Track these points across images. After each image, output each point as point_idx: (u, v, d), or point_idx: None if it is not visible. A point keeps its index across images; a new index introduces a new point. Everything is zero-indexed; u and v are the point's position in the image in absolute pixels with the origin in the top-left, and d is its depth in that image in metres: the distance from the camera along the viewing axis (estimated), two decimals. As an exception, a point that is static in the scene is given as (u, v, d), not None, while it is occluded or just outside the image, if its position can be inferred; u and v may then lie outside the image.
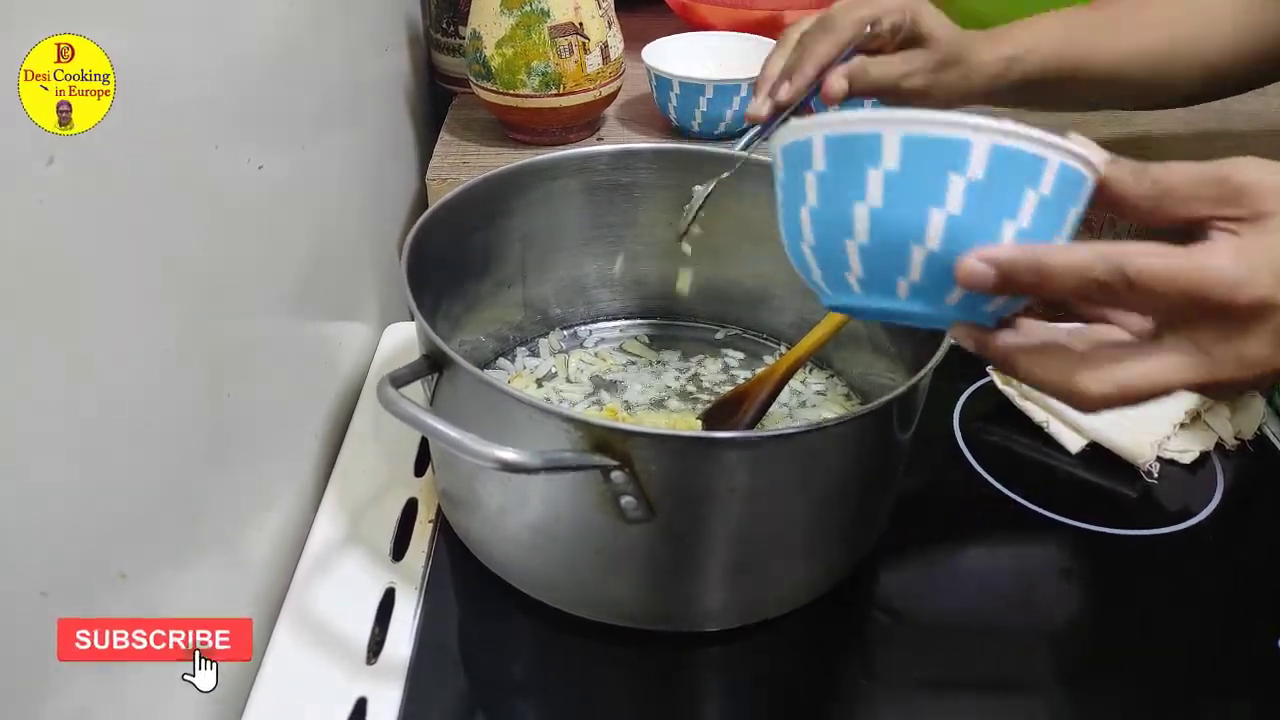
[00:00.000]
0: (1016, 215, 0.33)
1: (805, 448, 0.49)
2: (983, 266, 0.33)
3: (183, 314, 0.47)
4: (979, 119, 0.33)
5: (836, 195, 0.34)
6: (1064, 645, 0.57)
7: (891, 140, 0.33)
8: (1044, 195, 0.33)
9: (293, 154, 0.62)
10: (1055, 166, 0.33)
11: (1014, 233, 0.33)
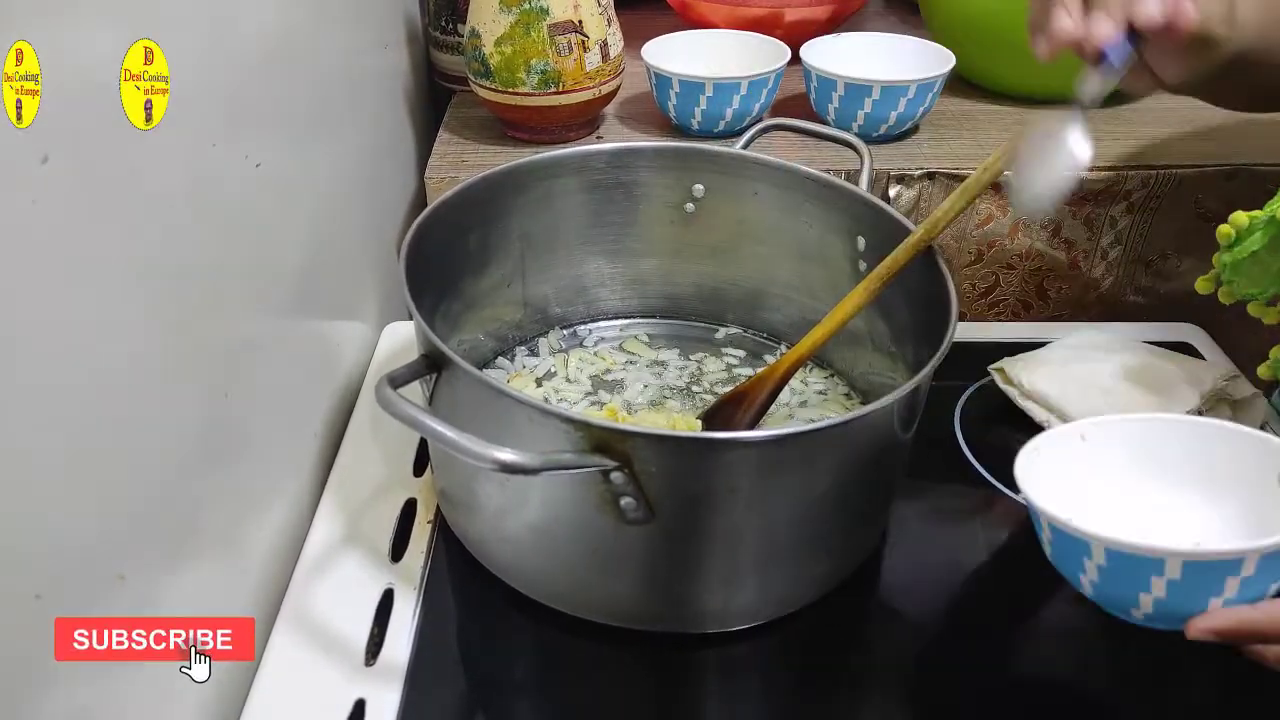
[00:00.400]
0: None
1: (806, 448, 0.48)
2: (1202, 634, 0.43)
3: (180, 313, 0.47)
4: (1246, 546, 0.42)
5: (1117, 584, 0.45)
6: (1066, 645, 0.57)
7: (1173, 564, 0.42)
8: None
9: (291, 152, 0.62)
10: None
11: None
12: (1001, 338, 0.79)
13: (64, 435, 0.38)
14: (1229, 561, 0.42)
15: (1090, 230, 0.88)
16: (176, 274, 0.46)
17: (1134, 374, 0.71)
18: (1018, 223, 0.87)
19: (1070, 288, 0.91)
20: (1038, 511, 0.47)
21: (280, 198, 0.60)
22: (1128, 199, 0.86)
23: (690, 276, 0.77)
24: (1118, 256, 0.89)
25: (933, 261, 0.59)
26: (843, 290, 0.68)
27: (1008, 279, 0.90)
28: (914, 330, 0.63)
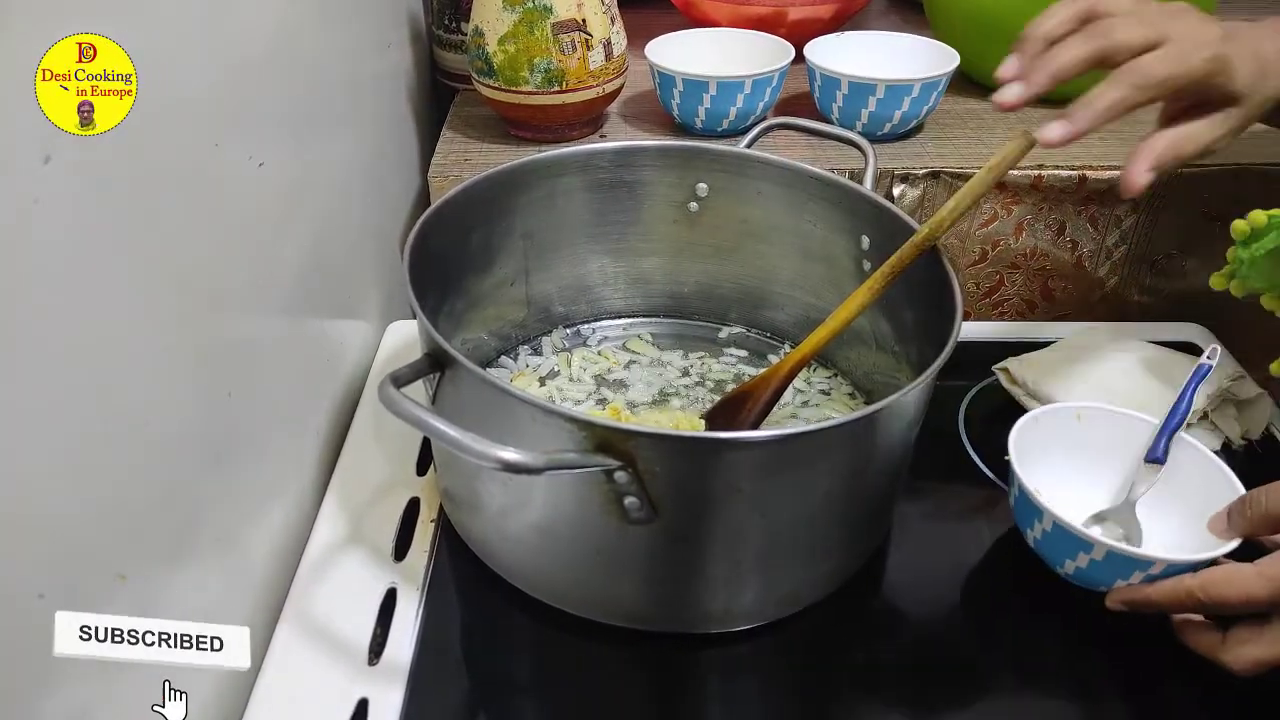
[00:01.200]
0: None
1: (810, 448, 0.48)
2: (1116, 605, 0.55)
3: (182, 313, 0.47)
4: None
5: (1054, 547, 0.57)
6: (1072, 647, 0.56)
7: (1099, 549, 0.54)
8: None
9: (293, 152, 0.62)
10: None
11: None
12: (1006, 337, 0.79)
13: (64, 435, 0.38)
14: (1141, 560, 0.53)
15: (1095, 229, 0.87)
16: (178, 273, 0.46)
17: (1139, 374, 0.70)
18: (1022, 222, 0.87)
19: (1075, 287, 0.91)
20: (1015, 474, 0.57)
21: (283, 197, 0.60)
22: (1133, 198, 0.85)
23: (693, 275, 0.76)
24: (1123, 256, 0.89)
25: (937, 261, 0.58)
26: (847, 290, 0.67)
27: (1012, 278, 0.90)
28: (919, 330, 0.63)
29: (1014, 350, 0.74)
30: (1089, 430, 0.62)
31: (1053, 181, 0.84)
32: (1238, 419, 0.69)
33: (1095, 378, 0.70)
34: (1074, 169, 0.84)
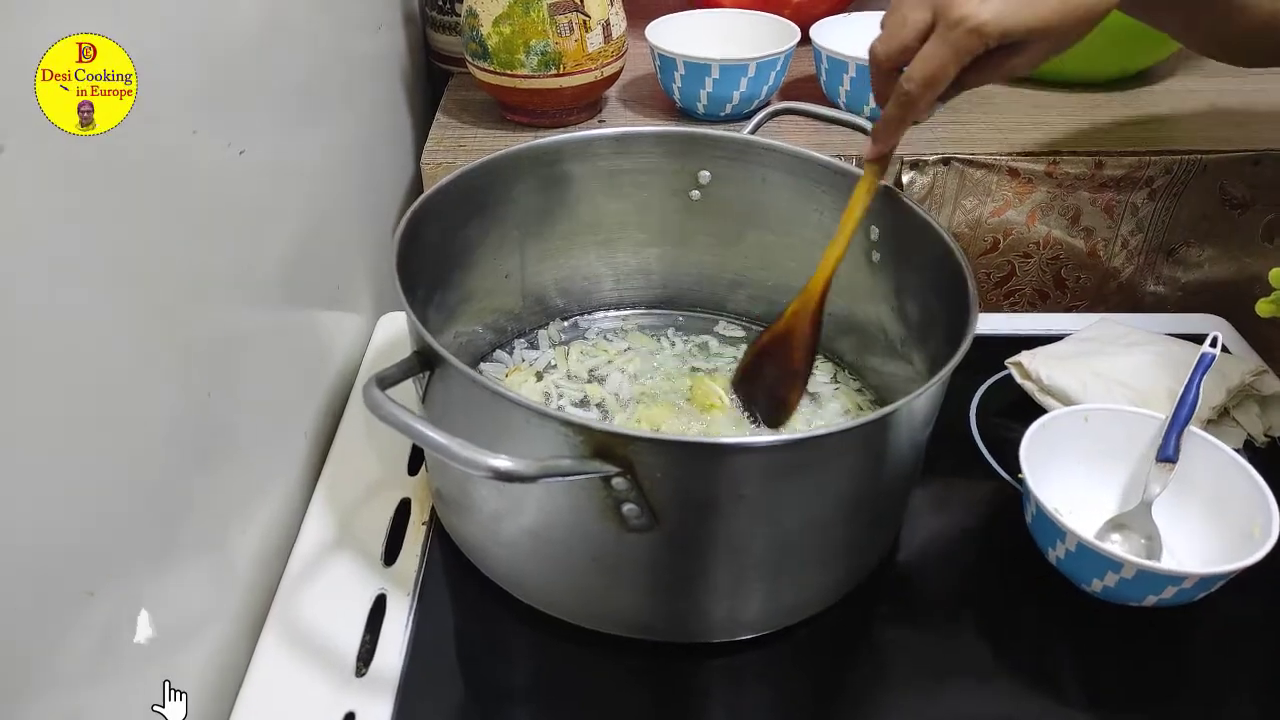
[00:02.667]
0: None
1: (819, 453, 0.46)
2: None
3: (157, 308, 0.44)
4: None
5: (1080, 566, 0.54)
6: (1087, 648, 0.54)
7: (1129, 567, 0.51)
8: None
9: (279, 138, 0.59)
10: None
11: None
12: (1018, 330, 0.76)
13: (34, 439, 0.36)
14: (1175, 576, 0.50)
15: (1110, 218, 0.85)
16: (153, 267, 0.44)
17: (1157, 368, 0.68)
18: (1035, 210, 0.84)
19: (1089, 277, 0.88)
20: (1031, 493, 0.55)
21: (267, 186, 0.57)
22: (1149, 185, 0.83)
23: (695, 266, 0.74)
24: (1138, 245, 0.86)
25: (950, 254, 0.56)
26: (855, 282, 0.65)
27: (1024, 268, 0.87)
28: (929, 323, 0.60)
29: (1027, 343, 0.72)
30: (1098, 431, 0.60)
31: (1068, 168, 0.82)
32: (1260, 416, 0.67)
33: (1111, 373, 0.68)
34: (1090, 154, 0.81)
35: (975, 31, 0.48)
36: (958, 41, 0.48)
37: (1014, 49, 0.50)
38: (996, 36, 0.48)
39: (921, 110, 0.52)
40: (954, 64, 0.49)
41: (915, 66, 0.50)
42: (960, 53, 0.49)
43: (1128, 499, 0.60)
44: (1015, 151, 0.82)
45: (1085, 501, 0.60)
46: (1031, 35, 0.49)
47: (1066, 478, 0.59)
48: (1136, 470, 0.60)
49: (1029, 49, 0.50)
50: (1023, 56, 0.51)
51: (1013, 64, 0.51)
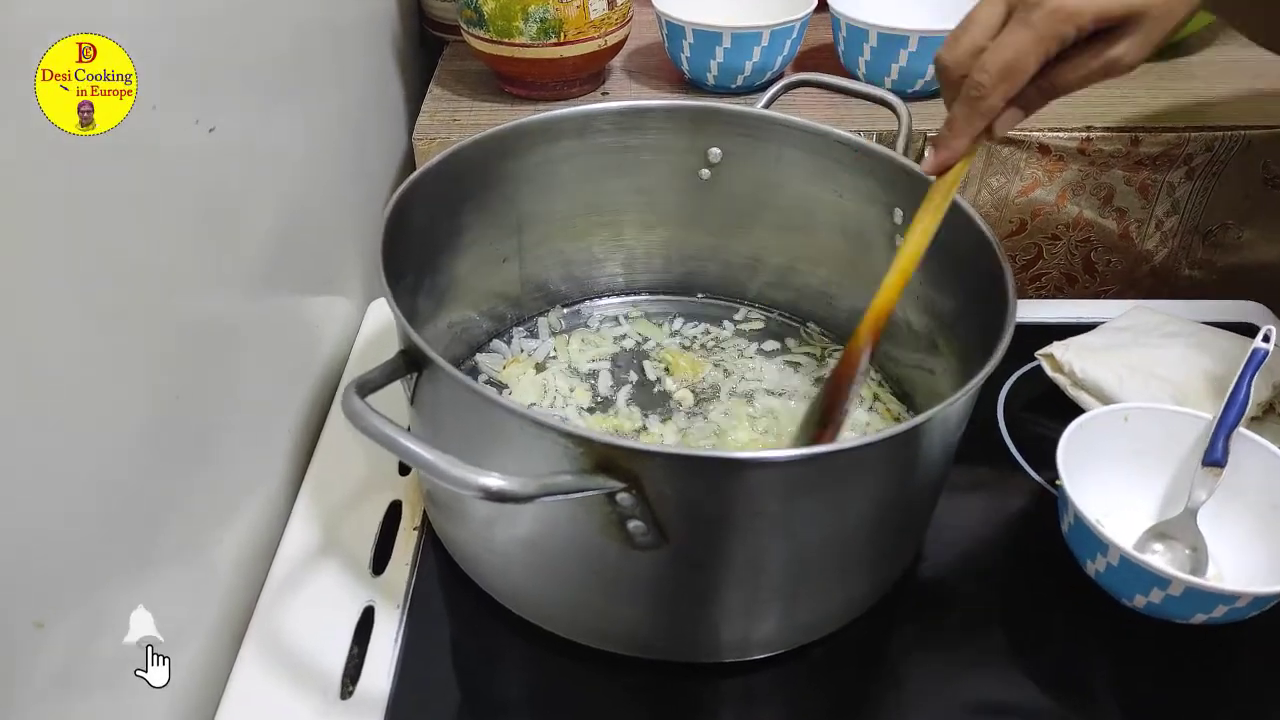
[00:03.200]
0: None
1: (846, 466, 0.42)
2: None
3: (125, 300, 0.41)
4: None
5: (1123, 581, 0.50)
6: (1126, 667, 0.51)
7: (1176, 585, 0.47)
8: None
9: (255, 113, 0.55)
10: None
11: None
12: (1046, 318, 0.72)
13: None
14: (1226, 595, 0.47)
15: (1145, 198, 0.80)
16: (113, 255, 0.40)
17: (1198, 361, 0.64)
18: (1066, 189, 0.79)
19: (1120, 260, 0.84)
20: (1070, 501, 0.51)
21: (243, 165, 0.53)
22: (1188, 163, 0.78)
23: (705, 251, 0.70)
24: (1174, 226, 0.82)
25: (984, 243, 0.52)
26: (876, 268, 0.60)
27: (1052, 251, 0.83)
28: (957, 315, 0.57)
29: (1056, 332, 0.68)
30: (1138, 431, 0.56)
31: (1102, 144, 0.77)
32: (1309, 413, 0.63)
33: (1148, 366, 0.64)
34: (1126, 130, 0.77)
35: (1060, 11, 0.41)
36: (1041, 24, 0.41)
37: (1110, 37, 0.42)
38: (1090, 18, 0.41)
39: (993, 110, 0.44)
40: (1035, 52, 0.42)
41: (989, 54, 0.43)
42: (1044, 38, 0.41)
43: (1169, 505, 0.56)
44: (1046, 127, 0.77)
45: (1123, 507, 0.56)
46: (1131, 15, 0.41)
47: (1103, 481, 0.55)
48: (1179, 474, 0.56)
49: (1128, 34, 0.42)
50: (1123, 45, 0.42)
51: (1111, 56, 0.43)
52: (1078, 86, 0.45)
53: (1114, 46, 0.43)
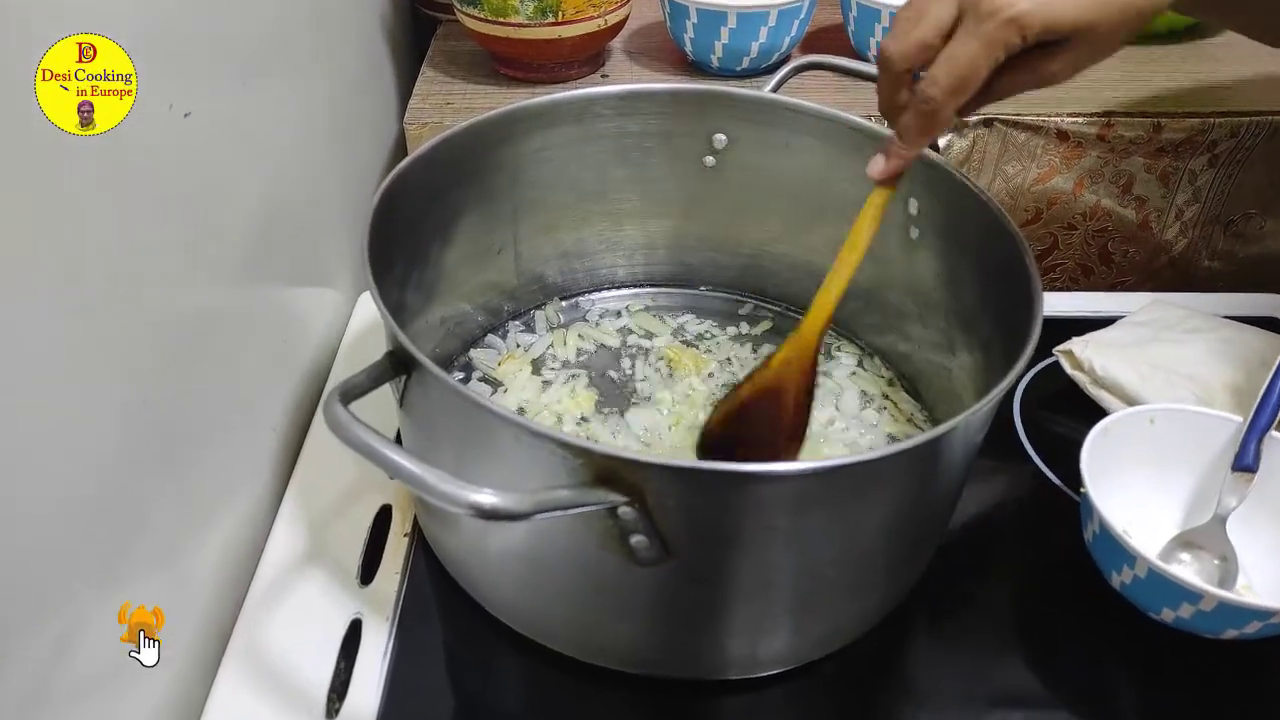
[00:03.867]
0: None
1: (863, 479, 0.39)
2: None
3: (88, 295, 0.38)
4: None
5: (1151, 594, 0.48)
6: (1151, 682, 0.49)
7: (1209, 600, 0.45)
8: None
9: (235, 97, 0.52)
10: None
11: None
12: (1063, 311, 0.70)
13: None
14: (1261, 610, 0.45)
15: (1166, 186, 0.77)
16: (76, 248, 0.37)
17: (1223, 358, 0.61)
18: (1084, 176, 0.77)
19: (1138, 251, 0.81)
20: (1095, 509, 0.49)
21: (221, 151, 0.50)
22: (1211, 150, 0.75)
23: (709, 241, 0.68)
24: (1194, 216, 0.79)
25: (1006, 235, 0.49)
26: (890, 261, 0.59)
27: (1068, 240, 0.80)
28: (974, 311, 0.54)
29: (1074, 326, 0.65)
30: (1164, 435, 0.54)
31: (1124, 130, 0.74)
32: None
33: (1172, 364, 0.61)
34: (1149, 116, 0.74)
35: (1013, 22, 0.40)
36: (992, 35, 0.41)
37: (1052, 51, 0.43)
38: (1038, 29, 0.41)
39: (944, 121, 0.44)
40: (986, 62, 0.41)
41: (940, 67, 0.42)
42: (994, 48, 0.41)
43: (1196, 512, 0.53)
44: (1065, 112, 0.74)
45: (1147, 514, 0.53)
46: (1077, 30, 0.42)
47: (1127, 486, 0.53)
48: (1207, 480, 0.54)
49: (1069, 50, 0.43)
50: (1061, 60, 0.43)
51: (1049, 69, 0.43)
52: (1012, 94, 0.45)
53: (1052, 61, 0.43)
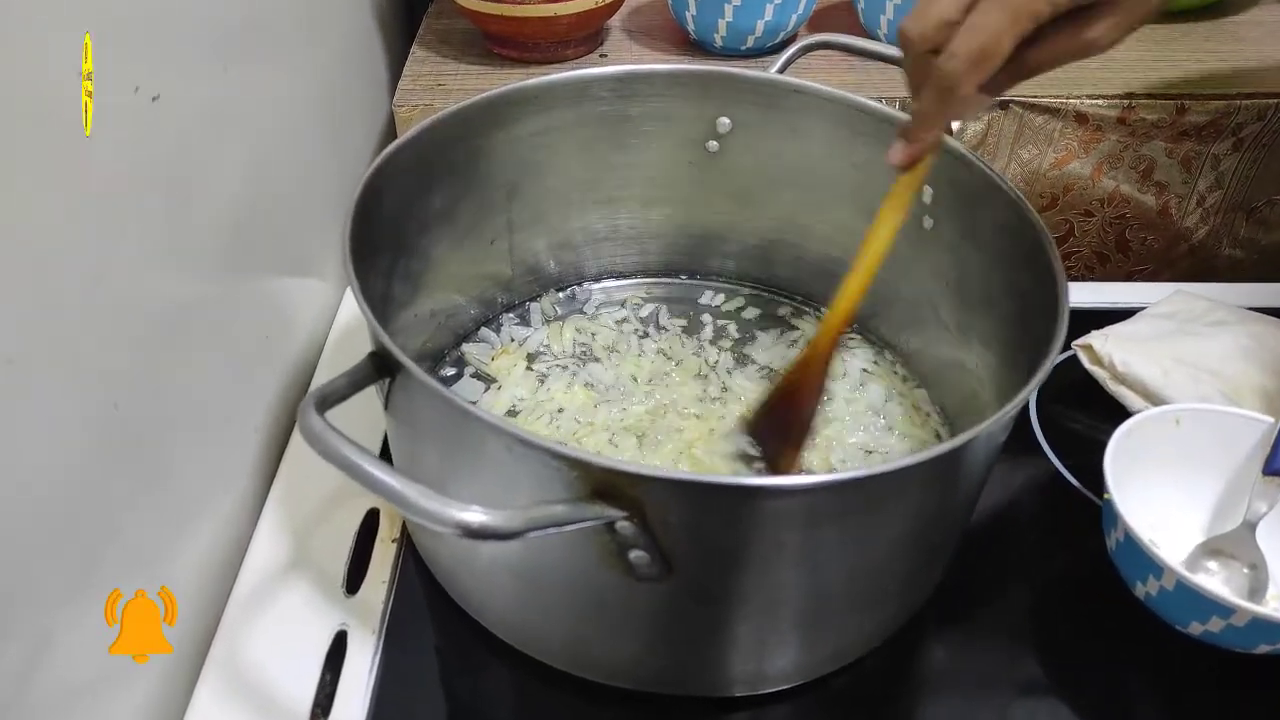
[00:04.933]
0: None
1: (876, 493, 0.37)
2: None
3: (48, 292, 0.35)
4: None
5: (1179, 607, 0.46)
6: (1178, 697, 0.47)
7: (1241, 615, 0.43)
8: None
9: (207, 78, 0.49)
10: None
11: None
12: (1081, 302, 0.65)
13: None
14: None
15: (1188, 171, 0.74)
16: (37, 240, 0.35)
17: (1251, 354, 0.59)
18: (1103, 161, 0.74)
19: (1157, 239, 0.78)
20: (1119, 517, 0.46)
21: (196, 136, 0.47)
22: (1236, 134, 0.72)
23: (712, 230, 0.65)
24: (1216, 202, 0.76)
25: (1027, 225, 0.47)
26: (903, 254, 0.55)
27: (1084, 227, 0.77)
28: (991, 303, 0.52)
29: (1092, 318, 0.63)
30: (1190, 436, 0.51)
31: (1145, 113, 0.71)
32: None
33: (1197, 360, 0.58)
34: (1171, 98, 0.71)
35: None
36: (1016, 3, 0.38)
37: (1087, 17, 0.39)
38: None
39: (966, 99, 0.41)
40: (1010, 33, 0.38)
41: (960, 39, 0.39)
42: (1020, 17, 0.38)
43: (1223, 518, 0.51)
44: (1085, 94, 0.71)
45: (1172, 519, 0.51)
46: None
47: (1151, 490, 0.50)
48: (1235, 484, 0.51)
49: (1105, 17, 0.39)
50: (1102, 24, 0.40)
51: (1088, 35, 0.40)
52: (1049, 68, 0.41)
53: (1091, 27, 0.40)
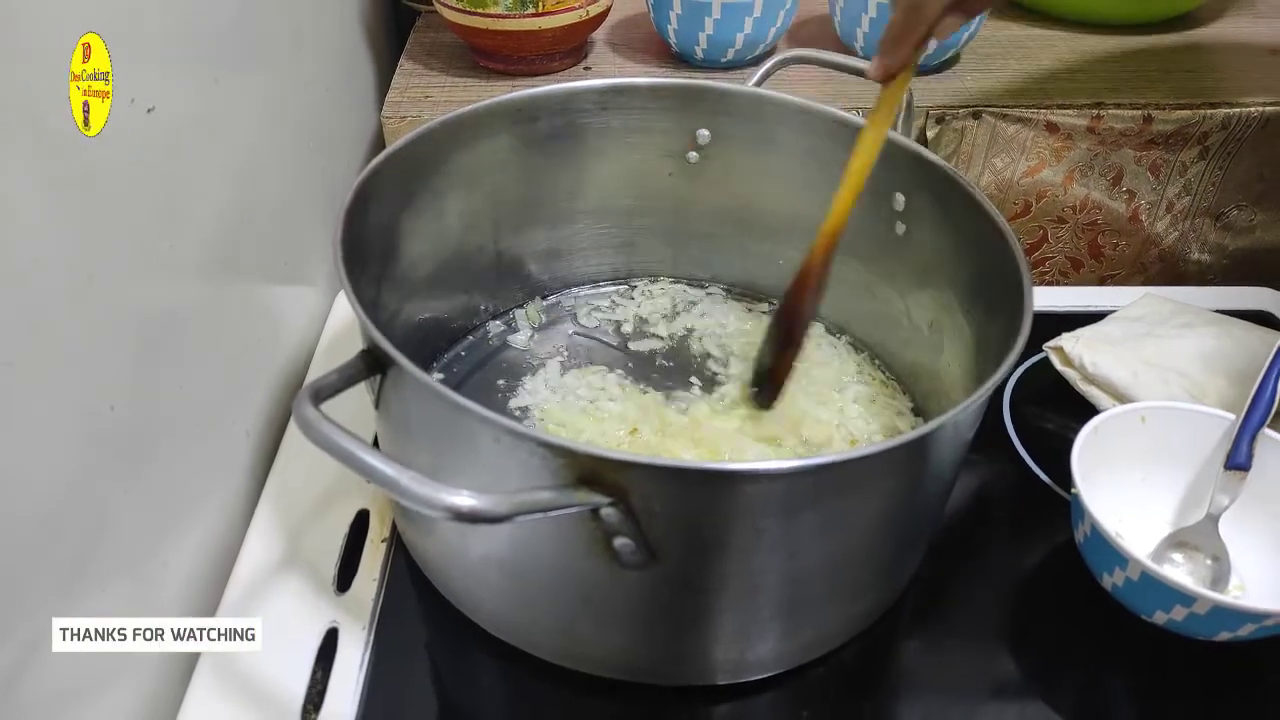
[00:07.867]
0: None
1: (853, 478, 0.38)
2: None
3: (47, 292, 0.36)
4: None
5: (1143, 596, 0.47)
6: (1145, 685, 0.48)
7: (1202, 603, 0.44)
8: None
9: (199, 90, 0.50)
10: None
11: None
12: (1053, 306, 0.69)
13: None
14: (1255, 614, 0.44)
15: (1156, 178, 0.76)
16: (32, 245, 0.35)
17: (1217, 354, 0.61)
18: (1074, 169, 0.76)
19: (1128, 244, 0.80)
20: (1086, 511, 0.48)
21: (189, 147, 0.48)
22: (1203, 142, 0.74)
23: (693, 238, 0.66)
24: (1185, 208, 0.78)
25: (995, 232, 0.48)
26: (879, 265, 0.58)
27: (1057, 234, 0.79)
28: (963, 310, 0.53)
29: (1064, 321, 0.65)
30: (1156, 432, 0.53)
31: (1113, 122, 0.73)
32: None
33: (1165, 361, 0.60)
34: (1138, 108, 0.73)
35: None
36: None
37: None
38: None
39: (935, 16, 0.43)
40: None
41: None
42: None
43: (1188, 511, 0.53)
44: (1055, 104, 0.73)
45: (1139, 512, 0.52)
46: None
47: (1118, 485, 0.52)
48: (1199, 478, 0.53)
49: None
50: None
51: None
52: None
53: None
